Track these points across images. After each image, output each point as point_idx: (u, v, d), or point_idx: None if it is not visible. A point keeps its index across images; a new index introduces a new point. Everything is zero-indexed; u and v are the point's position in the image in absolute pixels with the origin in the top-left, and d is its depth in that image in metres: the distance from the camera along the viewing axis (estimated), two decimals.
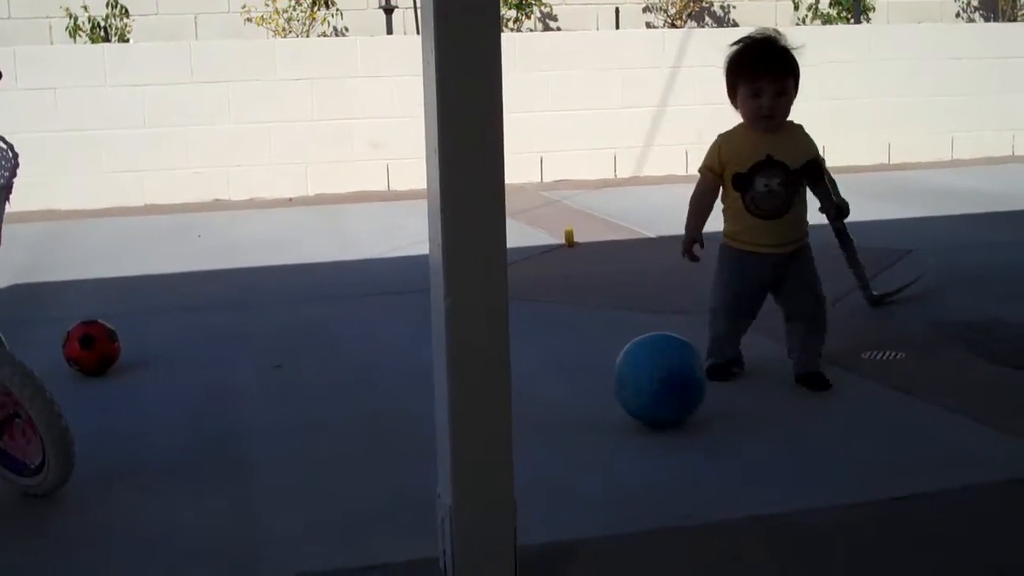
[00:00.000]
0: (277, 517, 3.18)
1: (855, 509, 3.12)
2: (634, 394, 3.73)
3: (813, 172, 4.16)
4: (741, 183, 4.09)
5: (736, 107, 4.13)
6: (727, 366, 4.30)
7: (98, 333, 4.64)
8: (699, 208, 4.21)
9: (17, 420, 3.34)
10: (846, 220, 4.61)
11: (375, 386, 4.42)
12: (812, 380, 4.16)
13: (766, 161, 4.06)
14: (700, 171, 4.24)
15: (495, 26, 2.37)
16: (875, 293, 5.37)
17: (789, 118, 4.17)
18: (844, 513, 3.09)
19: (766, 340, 4.54)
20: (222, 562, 2.91)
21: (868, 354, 4.58)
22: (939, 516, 3.07)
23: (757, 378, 4.32)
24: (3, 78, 3.49)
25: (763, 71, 4.02)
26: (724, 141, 4.18)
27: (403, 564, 2.83)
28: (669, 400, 3.70)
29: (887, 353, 4.58)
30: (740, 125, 4.17)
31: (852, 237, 5.04)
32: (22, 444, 3.34)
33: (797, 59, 4.08)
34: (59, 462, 3.24)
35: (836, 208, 4.36)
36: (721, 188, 4.20)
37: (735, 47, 4.10)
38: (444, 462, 2.54)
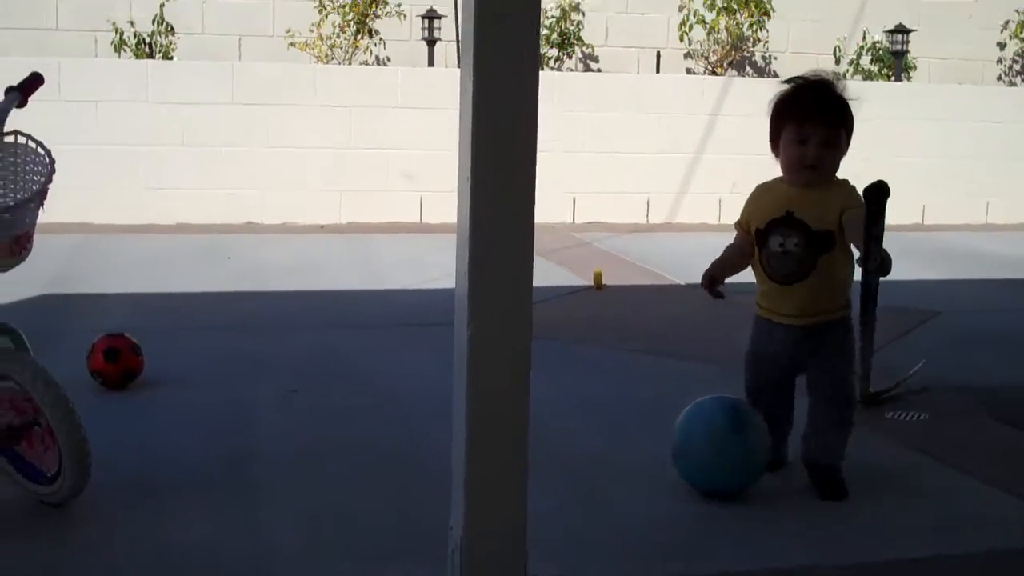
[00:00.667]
0: (286, 539, 3.17)
1: (864, 569, 3.09)
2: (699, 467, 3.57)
3: (826, 239, 3.53)
4: (759, 240, 3.63)
5: (776, 155, 3.65)
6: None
7: (123, 346, 4.66)
8: (726, 255, 3.76)
9: (36, 427, 3.34)
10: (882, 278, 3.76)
11: (394, 415, 4.41)
12: (821, 476, 3.66)
13: (785, 218, 3.56)
14: (735, 224, 3.77)
15: (534, 58, 2.37)
16: (871, 390, 4.67)
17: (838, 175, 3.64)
18: (854, 571, 3.06)
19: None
20: None
21: (892, 414, 4.55)
22: None
23: None
24: (44, 83, 3.52)
25: (813, 116, 3.53)
26: (756, 193, 3.73)
27: None
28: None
29: (911, 414, 4.55)
30: (779, 177, 3.68)
31: (875, 314, 4.58)
32: (40, 452, 3.34)
33: (853, 112, 3.63)
34: (75, 472, 3.24)
35: (879, 257, 3.38)
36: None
37: (784, 86, 3.65)
38: (458, 493, 2.53)
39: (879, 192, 3.40)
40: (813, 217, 3.52)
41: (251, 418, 4.34)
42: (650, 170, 10.92)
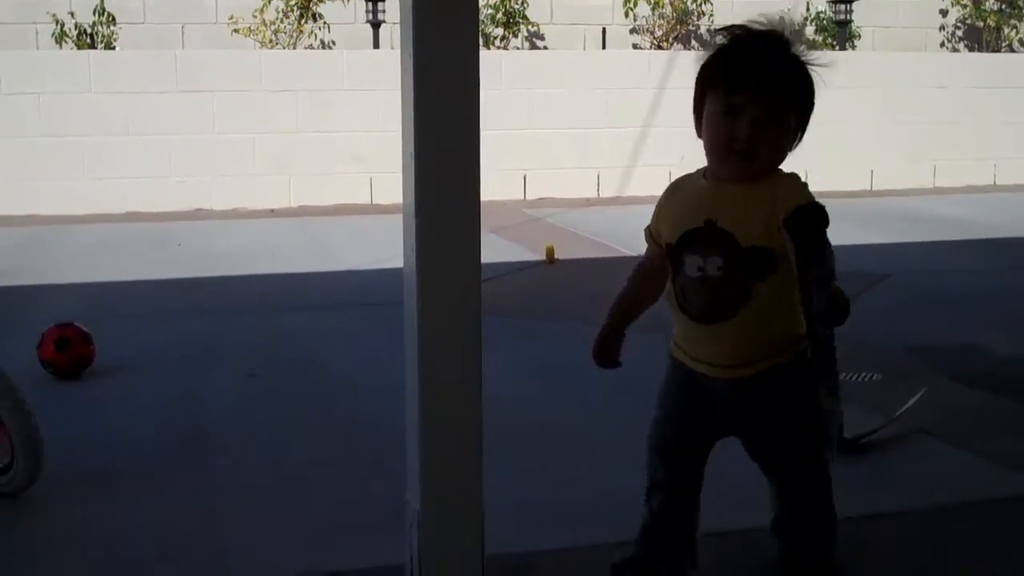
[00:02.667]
0: (244, 523, 3.17)
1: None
2: None
3: (762, 259, 2.43)
4: (671, 260, 2.58)
5: (699, 135, 2.56)
6: (643, 564, 2.75)
7: (73, 336, 4.63)
8: (629, 291, 2.78)
9: None
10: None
11: (349, 395, 4.41)
12: None
13: (704, 230, 2.48)
14: (644, 232, 2.73)
15: (473, 35, 2.38)
16: (847, 436, 3.69)
17: (784, 168, 2.55)
18: None
19: None
20: (187, 566, 2.90)
21: (845, 375, 4.58)
22: (907, 536, 3.08)
23: None
24: None
25: (748, 81, 2.45)
26: (668, 191, 2.70)
27: (369, 570, 2.82)
28: None
29: (864, 375, 4.59)
30: (701, 169, 2.62)
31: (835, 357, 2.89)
32: None
33: (815, 80, 2.56)
34: (28, 463, 3.23)
35: (825, 304, 2.24)
36: None
37: (720, 39, 2.54)
38: (413, 468, 2.54)
39: (811, 219, 2.31)
40: (744, 227, 2.44)
41: (205, 403, 4.33)
42: (599, 145, 10.93)
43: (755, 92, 2.44)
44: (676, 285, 2.56)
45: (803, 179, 2.49)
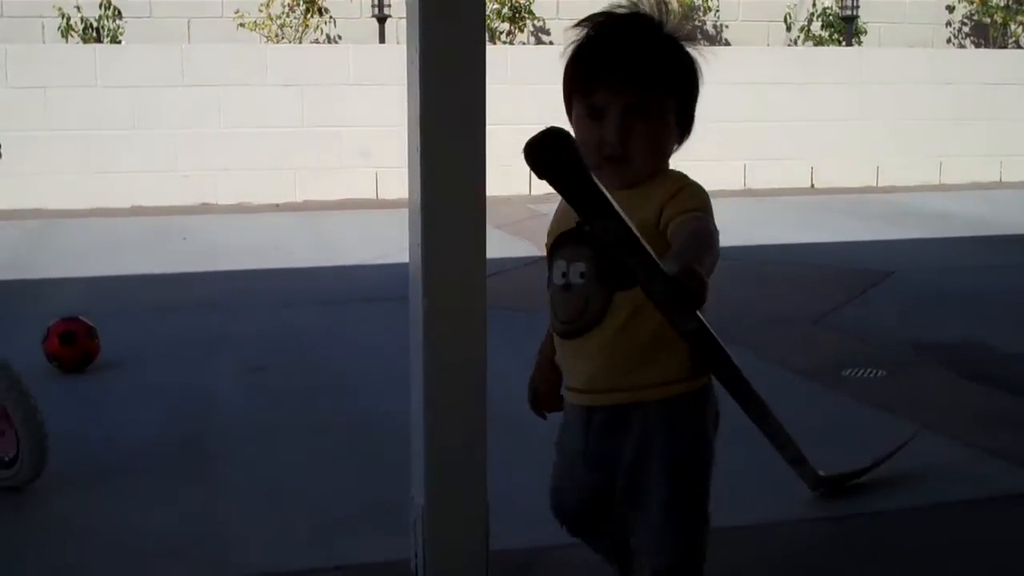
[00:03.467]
0: (247, 517, 3.17)
1: (820, 523, 3.12)
2: None
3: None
4: (547, 267, 2.23)
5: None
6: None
7: (79, 330, 4.63)
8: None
9: None
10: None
11: (353, 390, 4.41)
12: None
13: (574, 233, 2.14)
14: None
15: (479, 30, 2.38)
16: (821, 473, 3.28)
17: (674, 167, 2.19)
18: (809, 527, 3.10)
19: (740, 351, 4.53)
20: (190, 560, 2.90)
21: (849, 371, 4.58)
22: (909, 534, 3.08)
23: None
24: None
25: (608, 73, 2.12)
26: None
27: (374, 566, 2.82)
28: None
29: (868, 371, 4.59)
30: None
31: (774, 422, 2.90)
32: None
33: (697, 59, 2.18)
34: (33, 456, 3.23)
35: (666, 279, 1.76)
36: None
37: (577, 31, 2.22)
38: (418, 464, 2.54)
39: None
40: None
41: (209, 398, 4.34)
42: None
43: (619, 87, 2.10)
44: (549, 296, 2.22)
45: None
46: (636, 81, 2.09)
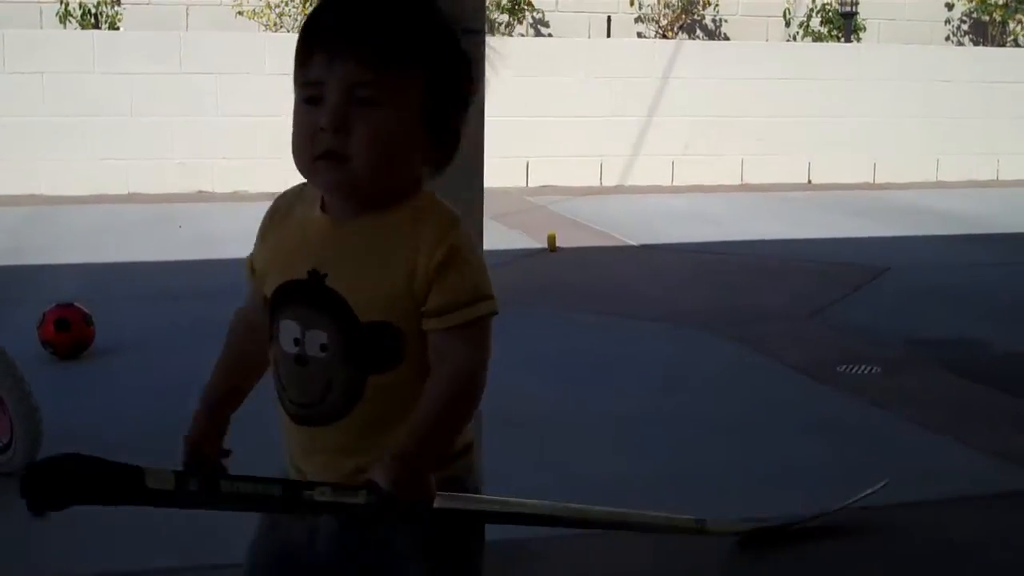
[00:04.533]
0: None
1: (816, 522, 3.12)
2: None
3: (387, 342, 1.61)
4: (270, 320, 1.76)
5: None
6: None
7: (73, 316, 4.63)
8: (226, 353, 2.10)
9: None
10: None
11: None
12: None
13: (307, 285, 1.65)
14: (247, 262, 1.87)
15: (479, 22, 2.38)
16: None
17: (433, 192, 1.69)
18: (806, 526, 3.10)
19: (735, 346, 4.54)
20: (186, 549, 2.91)
21: (844, 367, 4.59)
22: (904, 531, 3.09)
23: (728, 383, 4.32)
24: None
25: (326, 41, 1.57)
26: (272, 209, 1.85)
27: None
28: None
29: (862, 367, 4.60)
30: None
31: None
32: None
33: (453, 30, 1.64)
34: (27, 442, 3.23)
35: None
36: None
37: None
38: None
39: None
40: (364, 290, 1.60)
41: (204, 385, 4.32)
42: (602, 133, 10.92)
43: (341, 56, 1.54)
44: (272, 359, 1.79)
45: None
46: (367, 50, 1.54)
